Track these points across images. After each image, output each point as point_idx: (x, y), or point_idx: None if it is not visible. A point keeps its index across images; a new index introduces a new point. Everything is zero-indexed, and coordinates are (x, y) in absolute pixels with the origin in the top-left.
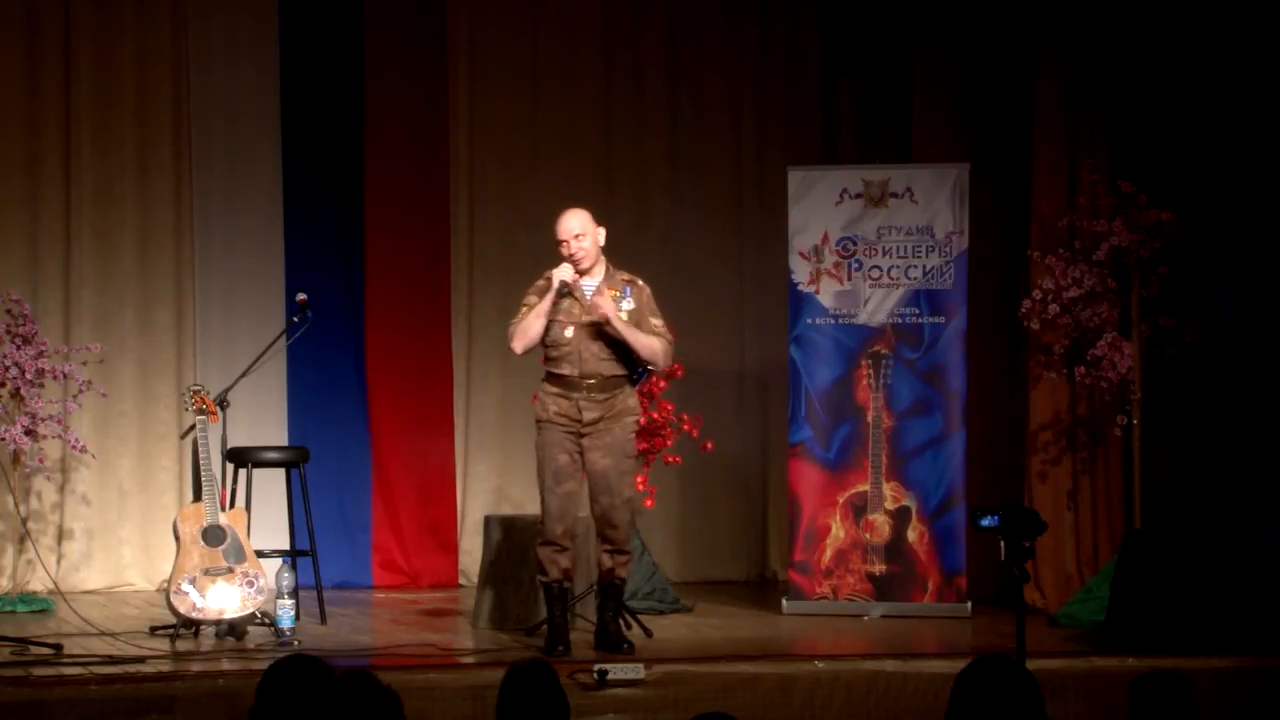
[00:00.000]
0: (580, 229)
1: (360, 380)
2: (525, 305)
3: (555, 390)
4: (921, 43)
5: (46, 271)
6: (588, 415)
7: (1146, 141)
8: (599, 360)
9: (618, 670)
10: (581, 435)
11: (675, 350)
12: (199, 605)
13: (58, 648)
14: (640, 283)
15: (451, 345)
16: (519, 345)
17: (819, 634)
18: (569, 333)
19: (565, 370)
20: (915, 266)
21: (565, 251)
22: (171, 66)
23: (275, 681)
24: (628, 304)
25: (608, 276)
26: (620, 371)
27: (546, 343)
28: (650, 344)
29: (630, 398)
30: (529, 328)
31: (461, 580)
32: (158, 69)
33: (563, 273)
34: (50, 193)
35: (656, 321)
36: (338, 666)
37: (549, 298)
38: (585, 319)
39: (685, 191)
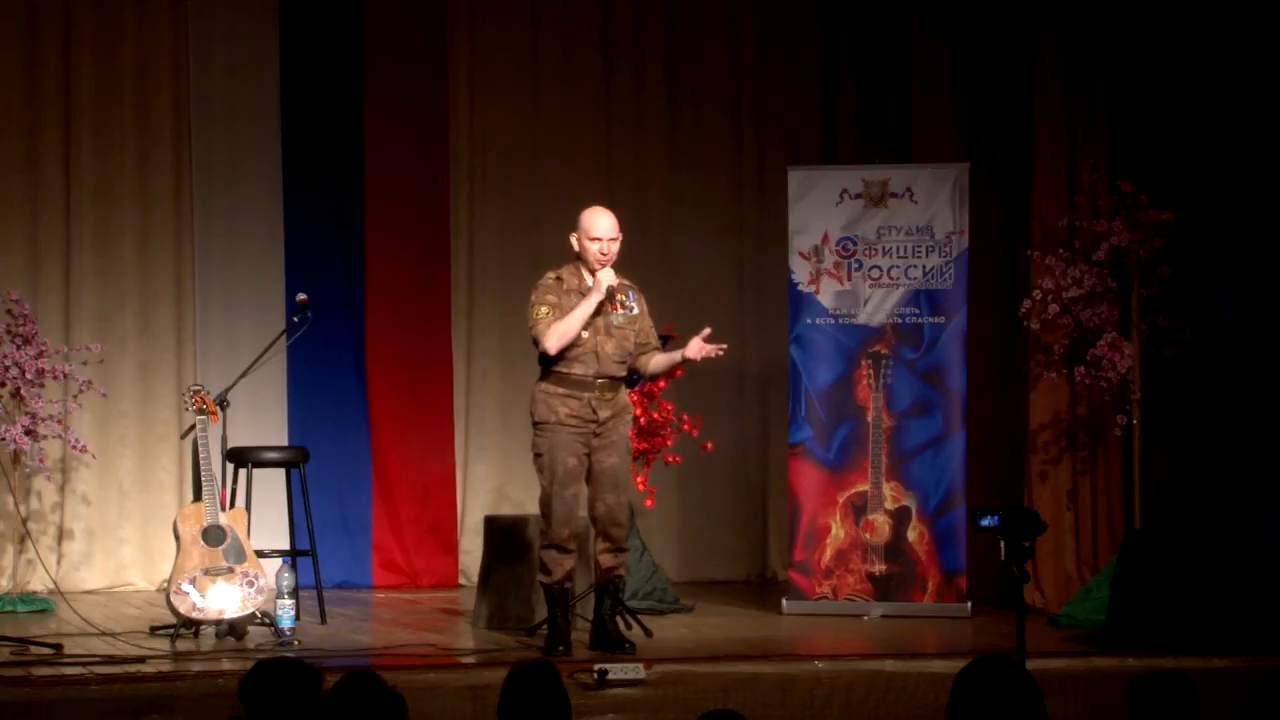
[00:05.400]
0: (618, 230)
1: (360, 380)
2: (544, 305)
3: (563, 391)
4: (921, 43)
5: (46, 271)
6: (602, 414)
7: (1146, 141)
8: (612, 361)
9: (618, 670)
10: (595, 435)
11: None
12: (199, 605)
13: (58, 648)
14: (637, 288)
15: (451, 345)
16: (556, 346)
17: (819, 634)
18: (585, 334)
19: (578, 370)
20: (915, 266)
21: (601, 251)
22: (171, 66)
23: (256, 684)
24: (634, 308)
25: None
26: (624, 373)
27: None
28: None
29: (626, 396)
30: (570, 329)
31: (461, 580)
32: (158, 69)
33: (608, 277)
34: (50, 193)
35: (654, 334)
36: (341, 667)
37: (592, 300)
38: (603, 320)
39: (685, 191)
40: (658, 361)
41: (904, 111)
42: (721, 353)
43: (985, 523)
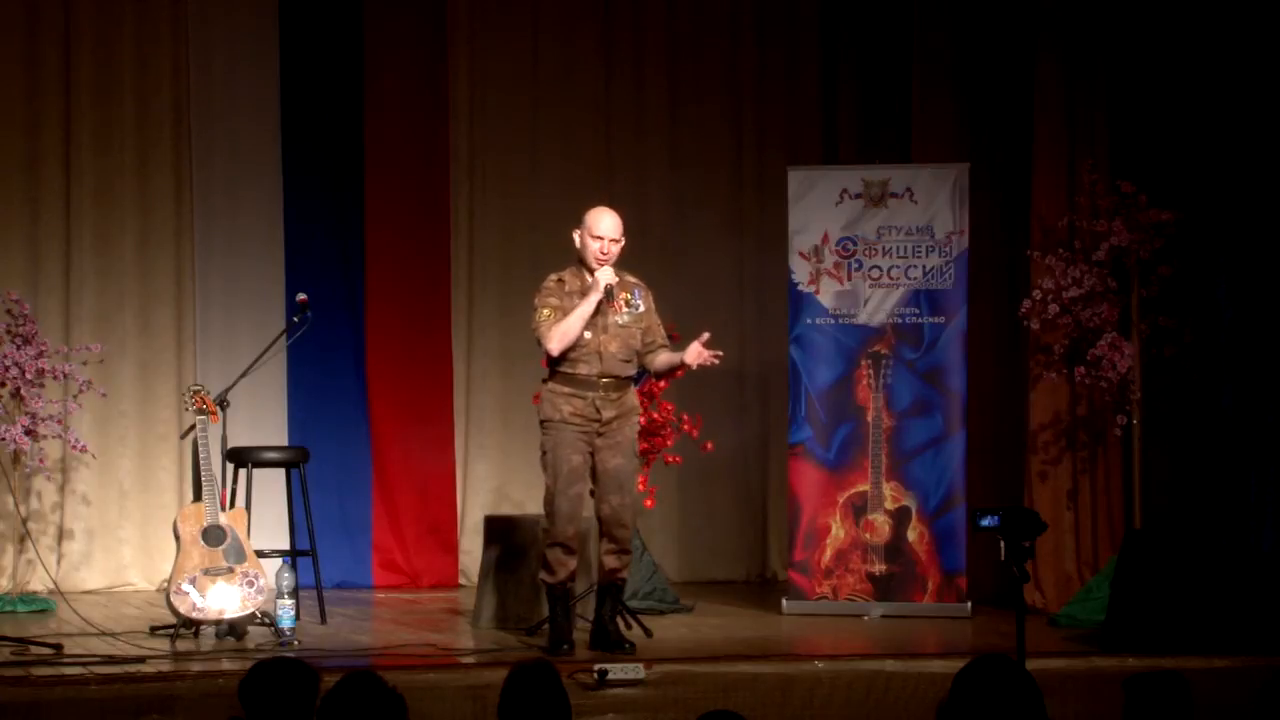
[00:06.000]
0: (620, 231)
1: (360, 380)
2: (547, 308)
3: (568, 390)
4: (921, 43)
5: (46, 271)
6: (606, 414)
7: (1146, 141)
8: (617, 361)
9: (618, 670)
10: (599, 435)
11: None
12: (199, 605)
13: (58, 648)
14: (644, 286)
15: (451, 345)
16: (558, 347)
17: (819, 634)
18: (588, 334)
19: (583, 370)
20: (915, 266)
21: (602, 250)
22: (171, 66)
23: (256, 685)
24: (639, 306)
25: (619, 279)
26: (631, 372)
27: None
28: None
29: (634, 396)
30: (571, 330)
31: (461, 580)
32: (158, 69)
33: (606, 275)
34: (50, 193)
35: (662, 330)
36: (341, 667)
37: (591, 300)
38: (606, 320)
39: (685, 191)
40: (661, 360)
41: (904, 112)
42: (718, 360)
43: (985, 523)
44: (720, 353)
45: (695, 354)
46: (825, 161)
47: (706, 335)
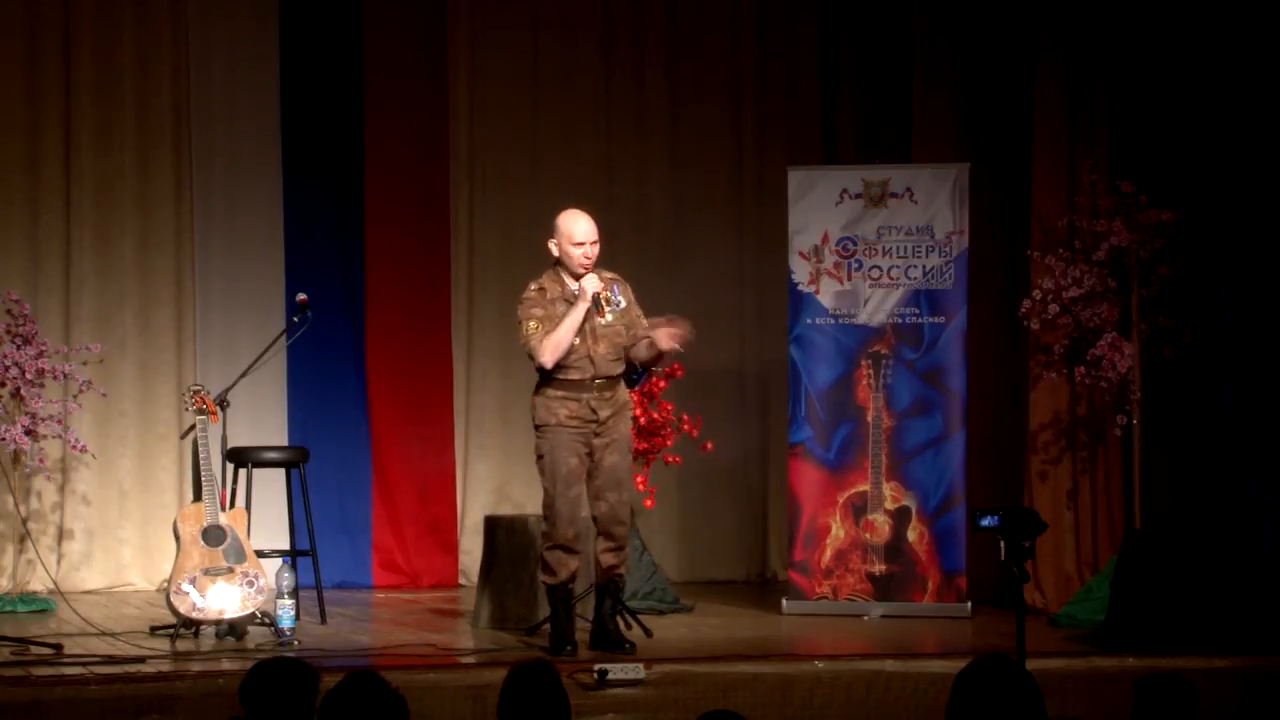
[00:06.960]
0: (597, 232)
1: (360, 380)
2: (533, 319)
3: (562, 394)
4: (921, 43)
5: (46, 271)
6: (603, 413)
7: (1146, 141)
8: (608, 362)
9: (618, 670)
10: (596, 434)
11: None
12: (199, 605)
13: (58, 648)
14: (621, 279)
15: (451, 345)
16: (551, 359)
17: (819, 634)
18: (576, 340)
19: (575, 376)
20: (915, 266)
21: (585, 255)
22: (171, 67)
23: (256, 685)
24: (620, 302)
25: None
26: (621, 370)
27: None
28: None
29: (624, 391)
30: (563, 341)
31: (461, 580)
32: (158, 69)
33: (592, 284)
34: (50, 193)
35: (644, 320)
36: (341, 667)
37: (580, 309)
38: (592, 323)
39: (686, 191)
40: (641, 351)
41: (904, 111)
42: (689, 336)
43: (985, 523)
44: (686, 334)
45: (666, 337)
46: (825, 161)
47: (670, 321)
